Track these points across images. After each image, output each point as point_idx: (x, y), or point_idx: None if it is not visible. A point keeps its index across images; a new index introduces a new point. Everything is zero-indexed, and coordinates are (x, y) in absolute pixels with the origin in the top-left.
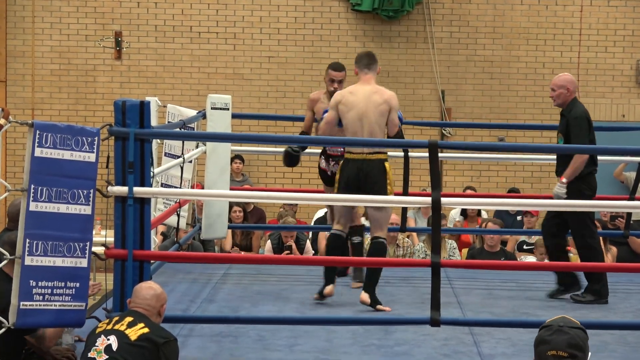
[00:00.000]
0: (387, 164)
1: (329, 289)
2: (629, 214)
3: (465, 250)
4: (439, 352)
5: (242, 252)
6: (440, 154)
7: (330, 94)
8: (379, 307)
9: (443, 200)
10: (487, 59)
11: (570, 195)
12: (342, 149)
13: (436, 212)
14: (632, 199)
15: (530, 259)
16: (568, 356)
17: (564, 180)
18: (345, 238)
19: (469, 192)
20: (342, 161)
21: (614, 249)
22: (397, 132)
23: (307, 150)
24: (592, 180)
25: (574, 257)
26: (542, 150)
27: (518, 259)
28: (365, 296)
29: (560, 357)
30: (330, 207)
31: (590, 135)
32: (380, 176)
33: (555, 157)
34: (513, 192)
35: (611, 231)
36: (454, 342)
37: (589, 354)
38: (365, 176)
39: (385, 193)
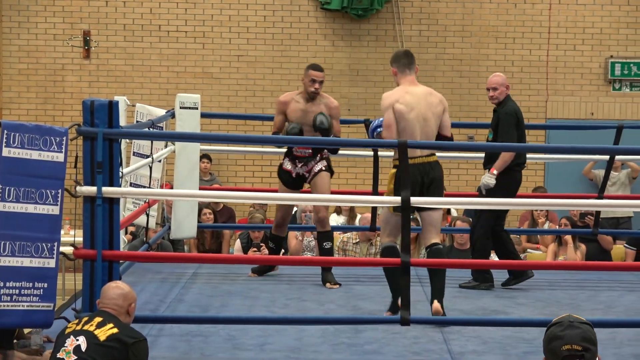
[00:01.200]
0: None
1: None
2: (598, 212)
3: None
4: (409, 350)
5: None
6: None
7: (309, 95)
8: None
9: (412, 199)
10: (456, 57)
11: (497, 189)
12: (309, 150)
13: (405, 212)
14: (600, 197)
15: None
16: (582, 349)
17: (494, 171)
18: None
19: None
20: (395, 169)
21: (583, 247)
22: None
23: (274, 150)
24: (517, 173)
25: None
26: (510, 149)
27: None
28: (438, 306)
29: (575, 350)
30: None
31: (519, 131)
32: (442, 178)
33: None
34: None
35: (580, 229)
36: (424, 340)
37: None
38: (430, 180)
39: (443, 195)
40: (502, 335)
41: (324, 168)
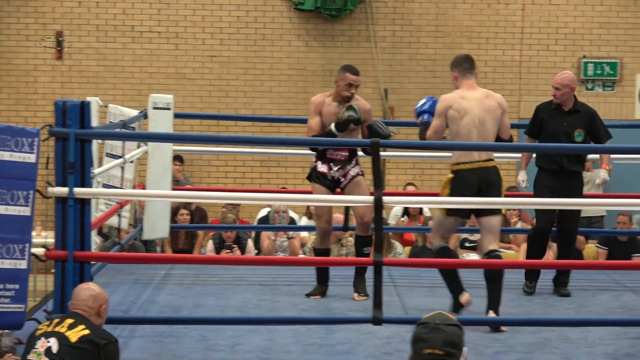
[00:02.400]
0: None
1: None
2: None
3: (408, 249)
4: (380, 350)
5: None
6: (382, 153)
7: (342, 98)
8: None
9: (385, 199)
10: (429, 58)
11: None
12: (346, 154)
13: (378, 211)
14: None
15: (473, 256)
16: (444, 354)
17: (608, 167)
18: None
19: (410, 188)
20: (452, 175)
21: (555, 246)
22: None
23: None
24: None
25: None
26: (483, 149)
27: (460, 257)
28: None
29: (436, 355)
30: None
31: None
32: (499, 184)
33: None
34: None
35: (553, 228)
36: (396, 340)
37: (465, 348)
38: (487, 185)
39: None
40: (474, 335)
41: (360, 173)
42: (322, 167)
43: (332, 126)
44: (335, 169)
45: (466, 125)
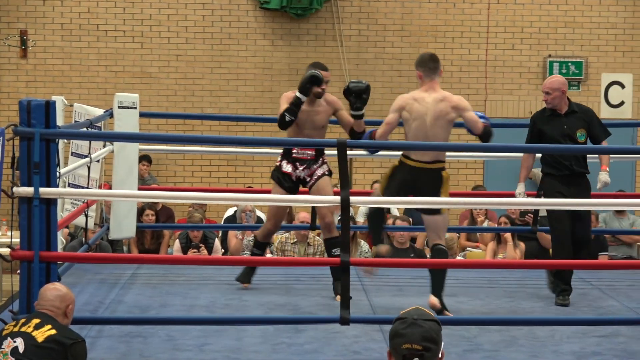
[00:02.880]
0: (444, 173)
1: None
2: (537, 210)
3: (374, 248)
4: (349, 349)
5: None
6: (349, 152)
7: (314, 96)
8: (445, 312)
9: (352, 199)
10: (395, 57)
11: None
12: (312, 152)
13: (345, 211)
14: (540, 195)
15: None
16: (422, 349)
17: (607, 169)
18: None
19: (376, 185)
20: (397, 164)
21: (522, 245)
22: (485, 128)
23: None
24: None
25: None
26: (450, 148)
27: (427, 256)
28: (435, 300)
29: (415, 350)
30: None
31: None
32: (439, 185)
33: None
34: None
35: (520, 227)
36: (364, 339)
37: (442, 343)
38: (424, 185)
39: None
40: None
41: (326, 172)
42: (286, 167)
43: (297, 92)
44: (301, 168)
45: (415, 130)
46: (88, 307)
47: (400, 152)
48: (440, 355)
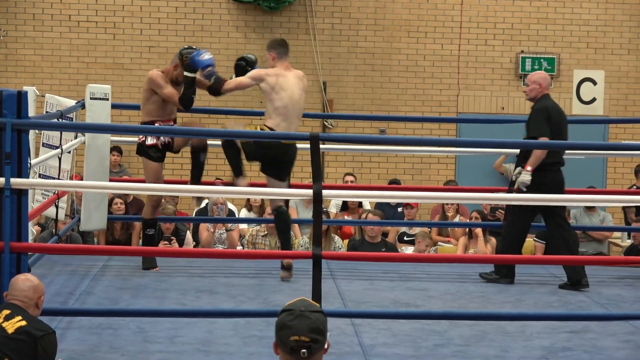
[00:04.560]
0: None
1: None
2: (509, 206)
3: (346, 242)
4: None
5: None
6: (321, 146)
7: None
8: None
9: (324, 192)
10: (368, 51)
11: (531, 187)
12: (172, 123)
13: (317, 204)
14: (511, 190)
15: (411, 250)
16: (310, 341)
17: (528, 168)
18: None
19: (348, 178)
20: (259, 128)
21: (493, 240)
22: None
23: None
24: (557, 173)
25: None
26: (422, 143)
27: (399, 250)
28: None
29: (302, 342)
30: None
31: (551, 127)
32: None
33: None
34: (394, 184)
35: (491, 222)
36: (335, 332)
37: (327, 334)
38: (283, 158)
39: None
40: (412, 328)
41: None
42: (150, 140)
43: (188, 73)
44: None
45: (285, 100)
46: (58, 299)
47: None
48: (326, 346)
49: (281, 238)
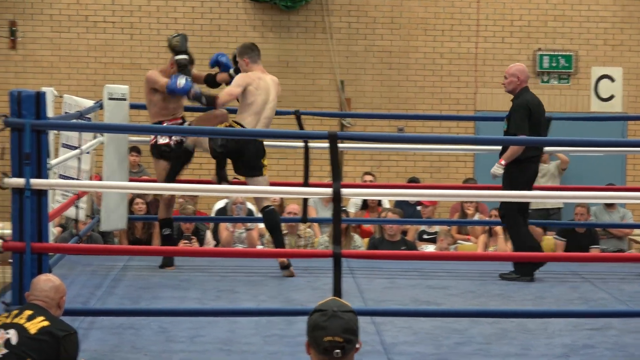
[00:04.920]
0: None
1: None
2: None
3: (366, 240)
4: None
5: None
6: (340, 145)
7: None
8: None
9: (343, 191)
10: (385, 49)
11: (504, 179)
12: (180, 121)
13: (337, 203)
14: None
15: (431, 248)
16: (344, 341)
17: (502, 162)
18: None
19: (367, 177)
20: (228, 124)
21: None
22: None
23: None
24: (529, 166)
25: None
26: (440, 141)
27: (418, 248)
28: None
29: (336, 342)
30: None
31: (531, 123)
32: (261, 155)
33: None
34: (413, 182)
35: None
36: None
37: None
38: (244, 153)
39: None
40: (433, 326)
41: None
42: (162, 140)
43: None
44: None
45: (258, 103)
46: (79, 299)
47: None
48: (357, 346)
49: (273, 237)
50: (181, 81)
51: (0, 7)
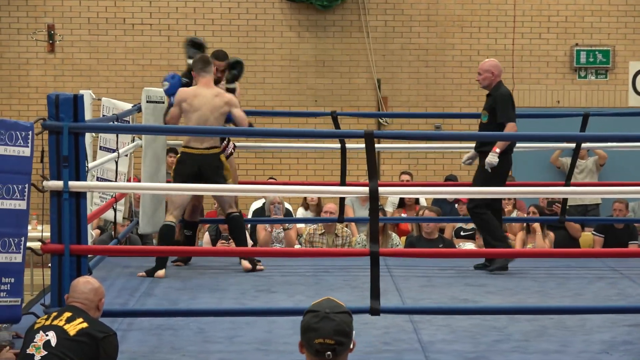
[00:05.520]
0: (222, 157)
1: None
2: (565, 200)
3: (403, 238)
4: (379, 340)
5: None
6: (377, 144)
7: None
8: (258, 266)
9: (380, 189)
10: (422, 47)
11: (481, 170)
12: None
13: (373, 202)
14: (568, 184)
15: (469, 245)
16: (335, 343)
17: (497, 150)
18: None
19: (404, 177)
20: (179, 155)
21: (551, 234)
22: (249, 125)
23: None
24: (509, 157)
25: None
26: (478, 138)
27: (456, 246)
28: (245, 263)
29: (327, 344)
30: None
31: (514, 113)
32: (220, 168)
33: None
34: (450, 180)
35: (548, 217)
36: (394, 330)
37: (353, 334)
38: (207, 169)
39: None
40: (471, 324)
41: (232, 150)
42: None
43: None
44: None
45: (195, 121)
46: (118, 300)
47: None
48: (351, 346)
49: (237, 243)
50: (165, 85)
51: (39, 11)
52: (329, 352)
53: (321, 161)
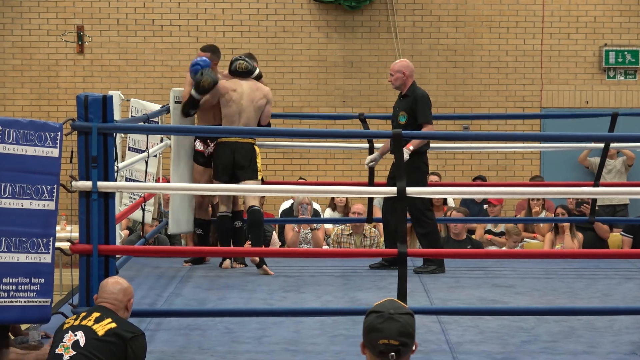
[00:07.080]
0: (255, 147)
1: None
2: (594, 200)
3: None
4: None
5: None
6: None
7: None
8: (264, 267)
9: (408, 190)
10: (450, 48)
11: (410, 171)
12: None
13: (401, 202)
14: (596, 184)
15: (495, 246)
16: (399, 344)
17: (410, 147)
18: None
19: (432, 177)
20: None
21: (580, 235)
22: (268, 124)
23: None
24: (426, 157)
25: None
26: (507, 138)
27: (484, 247)
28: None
29: (392, 345)
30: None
31: (431, 115)
32: (253, 157)
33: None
34: (479, 180)
35: (577, 217)
36: (422, 330)
37: (415, 335)
38: (241, 157)
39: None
40: (499, 325)
41: None
42: (199, 146)
43: (192, 91)
44: (212, 145)
45: (232, 112)
46: (146, 300)
47: None
48: (414, 347)
49: (252, 237)
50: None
51: (68, 12)
52: (392, 353)
53: (349, 162)
